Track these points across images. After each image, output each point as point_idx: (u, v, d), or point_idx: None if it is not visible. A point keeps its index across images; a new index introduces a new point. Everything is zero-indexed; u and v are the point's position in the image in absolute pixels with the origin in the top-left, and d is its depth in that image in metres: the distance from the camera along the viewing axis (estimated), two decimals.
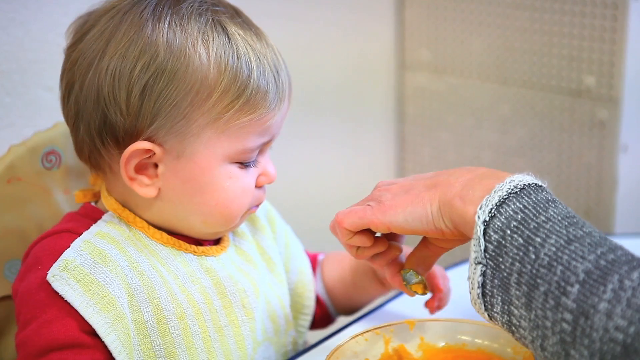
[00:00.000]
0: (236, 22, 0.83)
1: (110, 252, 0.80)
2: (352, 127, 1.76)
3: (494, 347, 0.86)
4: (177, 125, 0.80)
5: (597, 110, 1.50)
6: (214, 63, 0.79)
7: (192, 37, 0.80)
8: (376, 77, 1.77)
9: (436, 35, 1.70)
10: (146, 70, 0.78)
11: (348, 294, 1.02)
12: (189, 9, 0.81)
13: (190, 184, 0.82)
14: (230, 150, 0.82)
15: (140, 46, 0.79)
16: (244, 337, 0.87)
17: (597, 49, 1.47)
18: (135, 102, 0.79)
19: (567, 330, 0.65)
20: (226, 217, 0.85)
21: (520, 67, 1.58)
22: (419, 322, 0.88)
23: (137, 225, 0.84)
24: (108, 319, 0.77)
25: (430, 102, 1.75)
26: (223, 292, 0.86)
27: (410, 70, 1.77)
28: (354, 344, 0.85)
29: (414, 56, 1.75)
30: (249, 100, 0.81)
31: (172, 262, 0.84)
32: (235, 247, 0.92)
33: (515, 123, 1.62)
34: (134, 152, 0.80)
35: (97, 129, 0.81)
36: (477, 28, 1.63)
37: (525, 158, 1.62)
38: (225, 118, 0.80)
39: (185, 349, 0.82)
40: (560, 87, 1.54)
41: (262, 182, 0.87)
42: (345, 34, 1.68)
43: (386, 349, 0.87)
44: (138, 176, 0.82)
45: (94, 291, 0.77)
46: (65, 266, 0.77)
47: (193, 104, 0.79)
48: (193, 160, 0.81)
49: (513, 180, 0.72)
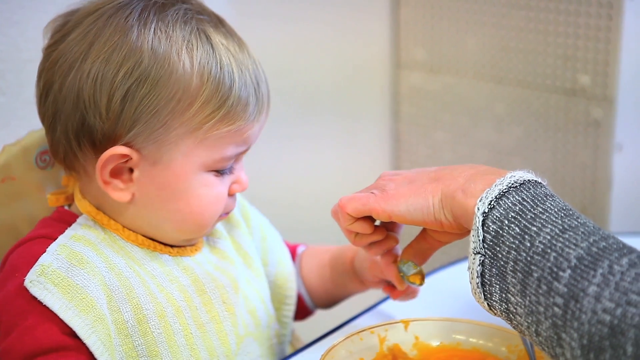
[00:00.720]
0: (220, 31, 0.83)
1: (87, 254, 0.80)
2: (348, 126, 1.76)
3: (488, 346, 0.87)
4: (156, 132, 0.80)
5: (592, 110, 1.50)
6: (197, 72, 0.79)
7: (176, 45, 0.79)
8: (372, 76, 1.77)
9: (431, 35, 1.70)
10: (129, 76, 0.78)
11: (326, 289, 1.04)
12: (175, 17, 0.81)
13: (165, 191, 0.82)
14: (208, 160, 0.82)
15: (124, 51, 0.79)
16: (226, 332, 0.87)
17: (592, 48, 1.48)
18: (115, 107, 0.79)
19: (558, 314, 0.66)
20: (199, 224, 0.85)
21: (516, 67, 1.58)
22: (414, 321, 0.88)
23: (112, 227, 0.84)
24: (88, 321, 0.77)
25: (426, 101, 1.75)
26: (202, 289, 0.87)
27: (406, 70, 1.77)
28: (348, 344, 0.85)
29: (410, 55, 1.75)
30: (229, 111, 0.81)
31: (148, 264, 0.84)
32: (209, 246, 0.92)
33: (511, 122, 1.62)
34: (111, 156, 0.80)
35: (74, 131, 0.81)
36: (472, 27, 1.64)
37: (520, 157, 1.62)
38: (205, 128, 0.80)
39: (167, 347, 0.82)
40: (555, 86, 1.54)
41: (234, 190, 0.87)
42: (341, 33, 1.68)
43: (381, 348, 0.87)
44: (113, 180, 0.82)
45: (72, 294, 0.77)
46: (43, 271, 0.77)
47: (174, 112, 0.79)
48: (169, 168, 0.81)
49: (514, 176, 0.74)
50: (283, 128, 1.63)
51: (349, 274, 1.00)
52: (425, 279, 0.88)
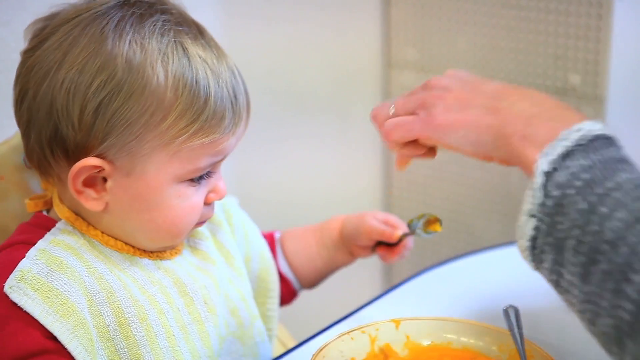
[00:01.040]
0: (198, 43, 0.81)
1: (67, 259, 0.80)
2: (339, 125, 1.76)
3: (479, 345, 0.87)
4: (129, 144, 0.79)
5: (582, 109, 1.50)
6: (171, 85, 0.78)
7: (151, 57, 0.78)
8: (363, 75, 1.77)
9: (422, 34, 1.71)
10: (102, 88, 0.77)
11: (315, 267, 1.06)
12: (152, 28, 0.79)
13: (138, 202, 0.82)
14: (181, 171, 0.81)
15: (98, 63, 0.78)
16: (208, 333, 0.87)
17: (582, 47, 1.48)
18: (88, 118, 0.78)
19: (625, 319, 0.60)
20: (172, 234, 0.84)
21: (506, 66, 1.59)
22: (405, 320, 0.88)
23: (91, 233, 0.84)
24: (69, 326, 0.76)
25: None
26: (184, 290, 0.86)
27: (397, 69, 1.77)
28: (339, 343, 0.85)
29: (400, 55, 1.75)
30: (204, 125, 0.80)
31: (128, 268, 0.84)
32: (190, 247, 0.92)
33: None
34: (83, 167, 0.79)
35: (47, 140, 0.80)
36: (463, 27, 1.64)
37: None
38: (179, 141, 0.79)
39: (149, 349, 0.82)
40: (546, 85, 1.54)
41: (211, 198, 0.86)
42: (332, 33, 1.68)
43: (372, 347, 0.87)
44: (85, 190, 0.81)
45: (52, 299, 0.77)
46: (22, 276, 0.77)
47: (147, 125, 0.78)
48: (142, 179, 0.81)
49: (581, 129, 0.66)
50: (274, 128, 1.63)
51: (337, 245, 1.03)
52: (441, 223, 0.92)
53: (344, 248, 1.03)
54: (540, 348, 0.83)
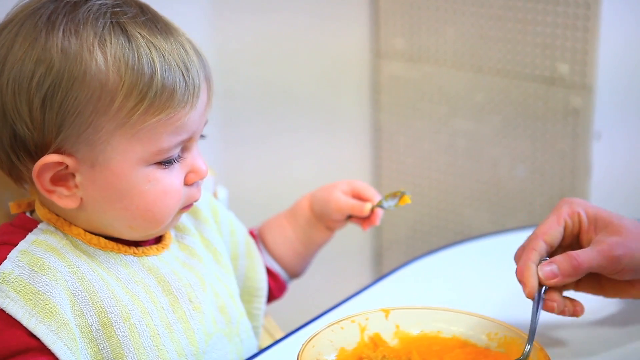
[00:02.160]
0: (139, 21, 0.80)
1: (49, 259, 0.79)
2: (328, 116, 1.75)
3: (468, 334, 0.87)
4: (85, 133, 0.78)
5: (570, 98, 1.51)
6: (112, 67, 0.77)
7: (87, 42, 0.77)
8: (351, 65, 1.77)
9: (411, 24, 1.70)
10: (43, 82, 0.77)
11: (296, 251, 1.06)
12: (86, 14, 0.78)
13: (109, 192, 0.81)
14: (144, 153, 0.80)
15: (34, 58, 0.77)
16: (194, 331, 0.87)
17: (570, 36, 1.48)
18: (37, 115, 0.77)
19: None
20: (151, 220, 0.83)
21: (495, 55, 1.59)
22: (395, 310, 0.88)
23: (73, 232, 0.83)
24: (52, 327, 0.76)
25: (406, 91, 1.75)
26: (168, 289, 0.86)
27: (385, 59, 1.77)
28: (329, 333, 0.85)
29: (389, 45, 1.75)
30: (154, 101, 0.78)
31: (112, 267, 0.83)
32: (178, 242, 0.91)
33: (490, 111, 1.62)
34: (44, 166, 0.79)
35: (9, 145, 0.80)
36: (451, 16, 1.64)
37: (499, 146, 1.63)
38: (132, 121, 0.78)
39: (133, 349, 0.81)
40: (534, 74, 1.54)
41: (192, 179, 0.85)
42: (320, 23, 1.68)
43: (362, 337, 0.87)
44: (56, 188, 0.80)
45: (35, 301, 0.76)
46: (4, 279, 0.77)
47: (97, 110, 0.78)
48: (108, 168, 0.80)
49: None
50: (261, 119, 1.63)
51: (311, 223, 1.04)
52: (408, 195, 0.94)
53: (319, 225, 1.04)
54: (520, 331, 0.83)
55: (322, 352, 0.84)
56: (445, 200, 1.75)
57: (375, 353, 0.85)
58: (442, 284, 1.03)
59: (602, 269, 0.85)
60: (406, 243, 1.83)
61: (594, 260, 0.84)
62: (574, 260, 0.84)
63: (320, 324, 0.91)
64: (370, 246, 1.88)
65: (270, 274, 1.04)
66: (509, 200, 1.65)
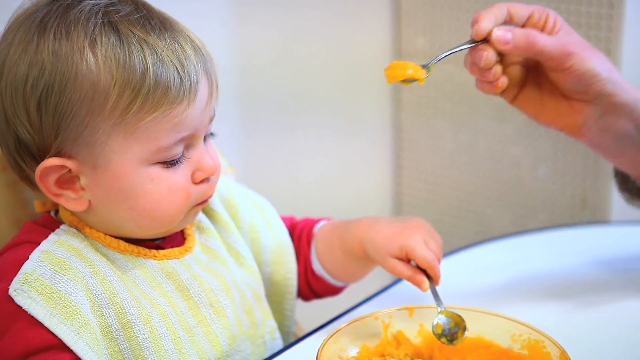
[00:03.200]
0: (132, 19, 0.79)
1: (70, 259, 0.80)
2: (349, 115, 1.76)
3: (492, 334, 0.87)
4: (82, 135, 0.78)
5: None
6: (103, 66, 0.77)
7: (78, 43, 0.77)
8: (373, 65, 1.77)
9: (432, 23, 1.70)
10: (37, 86, 0.77)
11: (347, 270, 0.99)
12: (77, 15, 0.78)
13: (113, 193, 0.81)
14: (144, 153, 0.80)
15: (27, 62, 0.78)
16: (216, 335, 0.87)
17: (593, 37, 1.47)
18: (35, 118, 0.78)
19: None
20: (158, 220, 0.83)
21: None
22: (419, 308, 0.88)
23: (94, 235, 0.83)
24: (73, 327, 0.77)
25: (427, 90, 1.75)
26: (187, 295, 0.86)
27: (407, 58, 1.76)
28: (352, 330, 0.85)
29: (410, 44, 1.75)
30: (147, 98, 0.77)
31: (130, 271, 0.83)
32: (202, 245, 0.91)
33: (512, 110, 1.61)
34: (45, 169, 0.79)
35: (15, 150, 0.81)
36: (473, 16, 1.63)
37: (521, 146, 1.62)
38: (128, 120, 0.78)
39: (153, 352, 0.81)
40: None
41: (199, 177, 0.84)
42: (342, 22, 1.68)
43: (385, 334, 0.87)
44: (63, 191, 0.81)
45: (56, 301, 0.77)
46: (26, 279, 0.77)
47: (92, 111, 0.77)
48: (109, 169, 0.80)
49: None
50: (283, 118, 1.63)
51: (363, 260, 0.95)
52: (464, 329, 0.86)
53: (371, 263, 0.96)
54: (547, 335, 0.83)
55: (344, 348, 0.84)
56: (466, 200, 1.75)
57: (398, 351, 0.85)
58: (463, 285, 1.03)
59: (550, 59, 0.86)
60: None
61: (548, 45, 0.85)
62: (531, 36, 0.85)
63: (344, 320, 0.91)
64: None
65: (317, 278, 1.00)
66: (530, 201, 1.64)
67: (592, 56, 0.87)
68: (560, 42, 0.86)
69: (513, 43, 0.85)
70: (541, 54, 0.86)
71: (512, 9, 0.88)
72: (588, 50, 0.88)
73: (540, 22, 0.88)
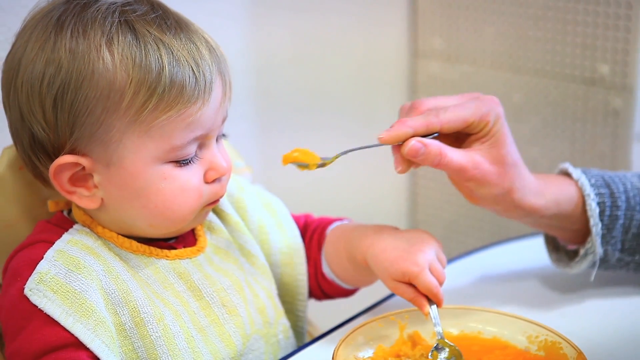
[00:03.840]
0: (148, 18, 0.80)
1: (84, 258, 0.80)
2: (365, 116, 1.75)
3: (508, 335, 0.86)
4: (97, 133, 0.79)
5: (611, 99, 1.49)
6: (120, 65, 0.78)
7: (95, 42, 0.78)
8: (389, 65, 1.76)
9: (449, 24, 1.70)
10: (53, 84, 0.78)
11: (355, 278, 0.98)
12: (94, 14, 0.79)
13: (126, 191, 0.81)
14: (158, 151, 0.80)
15: (44, 60, 0.78)
16: (229, 334, 0.87)
17: (611, 37, 1.46)
18: (50, 116, 0.78)
19: None
20: (170, 218, 0.83)
21: (534, 55, 1.57)
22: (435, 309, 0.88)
23: (106, 235, 0.84)
24: (89, 325, 0.77)
25: (443, 91, 1.74)
26: (199, 294, 0.86)
27: (423, 59, 1.76)
28: (367, 330, 0.85)
29: (427, 44, 1.74)
30: (162, 97, 0.78)
31: (142, 271, 0.84)
32: (213, 246, 0.91)
33: (529, 112, 1.61)
34: (59, 166, 0.80)
35: (29, 147, 0.81)
36: (490, 16, 1.63)
37: (538, 147, 1.61)
38: (143, 119, 0.78)
39: (167, 350, 0.82)
40: (574, 75, 1.53)
41: (211, 177, 0.84)
42: (358, 22, 1.68)
43: (400, 335, 0.87)
44: (76, 189, 0.81)
45: (72, 300, 0.77)
46: (41, 278, 0.78)
47: (107, 109, 0.78)
48: (122, 167, 0.80)
49: None
50: (299, 118, 1.63)
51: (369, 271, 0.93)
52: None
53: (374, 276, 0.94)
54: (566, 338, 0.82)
55: (360, 348, 0.84)
56: None
57: (414, 351, 0.85)
58: (478, 285, 1.03)
59: (452, 174, 0.89)
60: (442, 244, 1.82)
61: (452, 168, 0.87)
62: (440, 157, 0.86)
63: (359, 321, 0.91)
64: None
65: (327, 280, 0.98)
66: None
67: (496, 181, 0.88)
68: (468, 166, 0.87)
69: (421, 158, 0.86)
70: (451, 171, 0.88)
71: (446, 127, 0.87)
72: (499, 172, 0.88)
73: (474, 129, 0.89)
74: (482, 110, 0.88)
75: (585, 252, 0.94)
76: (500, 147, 0.88)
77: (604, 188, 0.94)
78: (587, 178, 0.95)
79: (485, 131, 0.88)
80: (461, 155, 0.87)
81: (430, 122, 0.86)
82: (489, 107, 0.88)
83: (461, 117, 0.87)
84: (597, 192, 0.93)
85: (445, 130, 0.87)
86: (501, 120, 0.89)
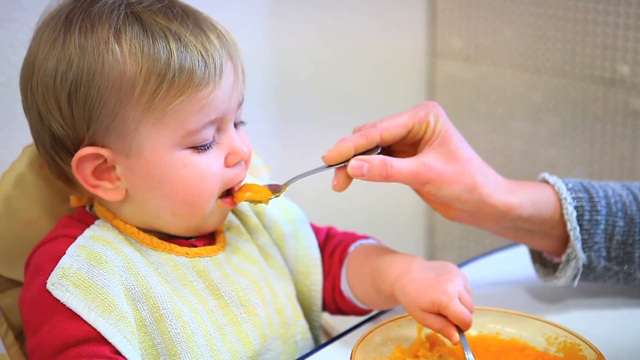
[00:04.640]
0: (155, 8, 0.82)
1: (106, 253, 0.81)
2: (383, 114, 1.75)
3: (527, 337, 0.86)
4: (113, 124, 0.80)
5: (631, 100, 1.48)
6: (129, 55, 0.79)
7: (103, 35, 0.80)
8: (407, 65, 1.76)
9: (468, 23, 1.69)
10: (65, 80, 0.79)
11: (375, 302, 0.95)
12: (101, 9, 0.81)
13: (148, 180, 0.82)
14: (174, 137, 0.81)
15: (55, 58, 0.80)
16: (247, 334, 0.87)
17: (631, 37, 1.46)
18: (66, 112, 0.80)
19: None
20: (192, 205, 0.84)
21: (553, 56, 1.57)
22: None
23: (128, 231, 0.85)
24: (111, 320, 0.78)
25: (462, 91, 1.74)
26: (217, 293, 0.86)
27: (442, 59, 1.76)
28: (385, 330, 0.85)
29: (446, 44, 1.74)
30: (173, 83, 0.80)
31: (162, 267, 0.84)
32: (232, 246, 0.91)
33: (548, 112, 1.61)
34: (81, 159, 0.81)
35: (51, 146, 0.83)
36: (509, 16, 1.62)
37: (557, 148, 1.61)
38: (155, 106, 0.80)
39: (186, 347, 0.82)
40: (594, 76, 1.52)
41: (232, 160, 0.85)
42: (377, 22, 1.68)
43: (419, 335, 0.87)
44: (100, 182, 0.83)
45: (94, 295, 0.78)
46: (64, 273, 0.78)
47: (120, 99, 0.79)
48: (142, 156, 0.81)
49: None
50: (317, 118, 1.63)
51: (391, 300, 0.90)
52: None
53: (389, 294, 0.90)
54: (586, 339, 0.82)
55: (378, 349, 0.84)
56: None
57: (432, 352, 0.85)
58: (496, 286, 1.03)
59: (409, 184, 0.87)
60: (459, 244, 1.82)
61: (404, 176, 0.86)
62: (386, 169, 0.85)
63: (378, 321, 0.91)
64: (424, 248, 1.87)
65: (343, 298, 0.96)
66: None
67: (455, 178, 0.87)
68: (416, 172, 0.86)
69: (368, 176, 0.85)
70: (399, 182, 0.87)
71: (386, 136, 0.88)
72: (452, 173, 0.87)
73: (419, 134, 0.88)
74: (419, 113, 0.88)
75: (567, 257, 0.92)
76: (448, 143, 0.88)
77: (582, 192, 0.93)
78: (564, 182, 0.93)
79: (430, 132, 0.88)
80: (409, 161, 0.86)
81: (368, 133, 0.87)
82: (426, 109, 0.89)
83: (399, 122, 0.88)
84: (574, 196, 0.92)
85: (387, 139, 0.87)
86: (443, 119, 0.89)
